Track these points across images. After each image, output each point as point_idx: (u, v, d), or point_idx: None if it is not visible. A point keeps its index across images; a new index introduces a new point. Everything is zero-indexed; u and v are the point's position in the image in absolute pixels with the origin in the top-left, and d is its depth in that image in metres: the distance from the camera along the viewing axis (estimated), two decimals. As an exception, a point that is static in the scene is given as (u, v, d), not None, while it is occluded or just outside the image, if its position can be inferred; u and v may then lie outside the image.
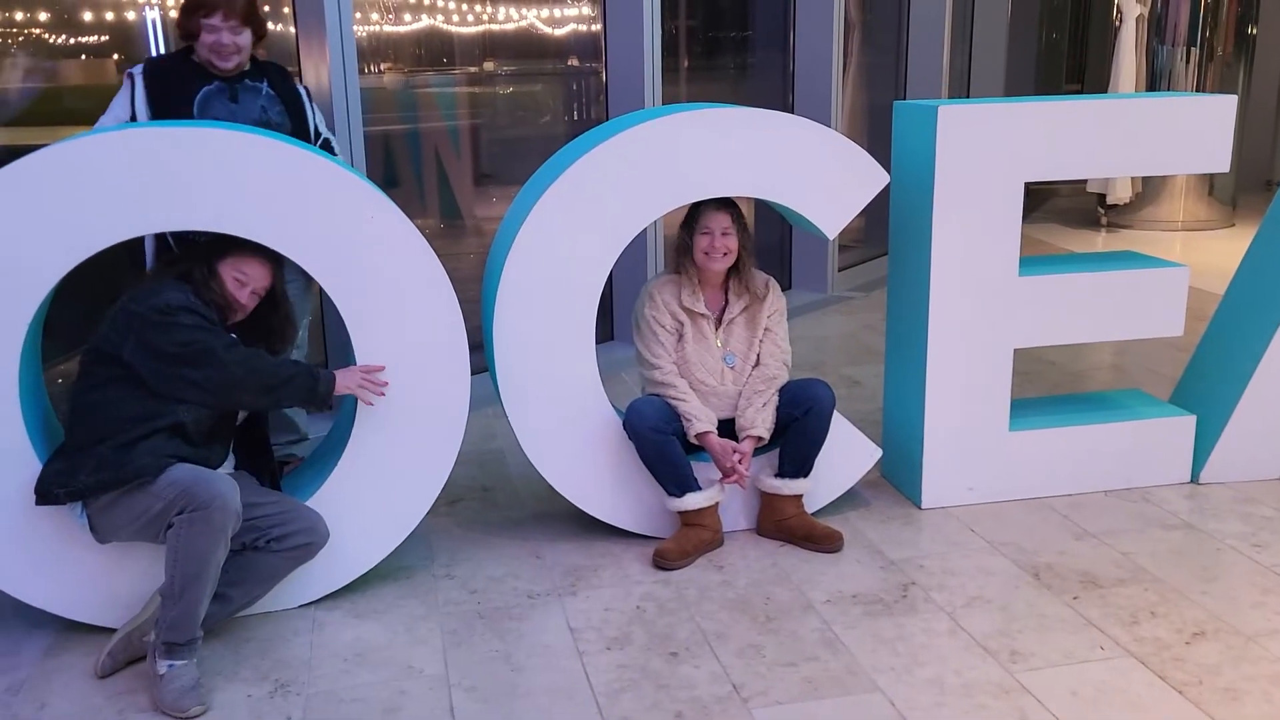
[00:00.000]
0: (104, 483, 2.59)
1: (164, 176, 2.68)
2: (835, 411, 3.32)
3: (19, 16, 4.04)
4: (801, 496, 3.32)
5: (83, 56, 4.27)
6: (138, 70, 3.30)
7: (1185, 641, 2.72)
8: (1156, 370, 4.90)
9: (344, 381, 2.83)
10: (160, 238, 3.27)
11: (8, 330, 2.64)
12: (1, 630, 2.87)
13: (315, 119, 3.54)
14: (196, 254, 2.79)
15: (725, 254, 3.24)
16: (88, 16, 4.16)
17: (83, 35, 4.20)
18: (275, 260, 2.83)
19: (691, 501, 3.20)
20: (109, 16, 4.20)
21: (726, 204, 3.25)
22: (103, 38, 4.24)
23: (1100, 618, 2.85)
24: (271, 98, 3.42)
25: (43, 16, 4.08)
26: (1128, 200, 8.66)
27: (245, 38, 3.32)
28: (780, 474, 3.30)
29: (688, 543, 3.20)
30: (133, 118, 3.26)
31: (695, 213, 3.25)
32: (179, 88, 3.28)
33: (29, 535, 2.73)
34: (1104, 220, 8.89)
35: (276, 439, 3.60)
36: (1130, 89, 8.34)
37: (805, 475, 3.31)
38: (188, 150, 2.71)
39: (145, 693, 2.58)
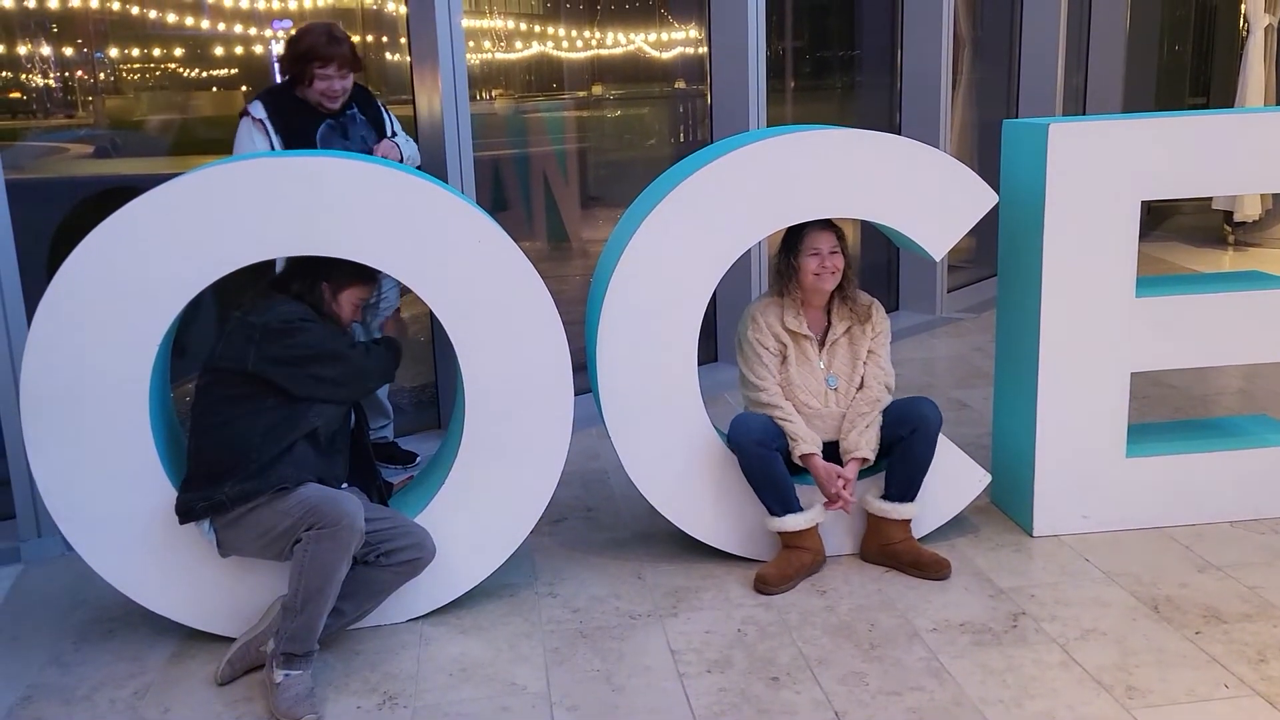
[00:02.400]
0: (246, 493, 2.68)
1: (286, 203, 2.79)
2: (942, 435, 3.26)
3: (156, 52, 4.26)
4: (909, 522, 3.27)
5: (213, 89, 4.48)
6: (260, 113, 3.57)
7: (1317, 681, 2.59)
8: (1287, 395, 4.68)
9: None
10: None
11: (139, 349, 2.77)
12: (129, 637, 3.01)
13: (393, 126, 3.84)
14: (302, 274, 2.88)
15: (834, 273, 3.22)
16: (218, 51, 4.37)
17: (213, 69, 4.41)
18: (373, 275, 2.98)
19: (792, 523, 3.17)
20: (238, 50, 4.41)
21: (829, 224, 3.23)
22: (231, 71, 4.45)
23: (1224, 654, 2.72)
24: (365, 123, 3.72)
25: (178, 51, 4.30)
26: (1257, 217, 8.29)
27: (350, 80, 3.65)
28: (886, 497, 3.26)
29: (789, 567, 3.17)
30: None
31: (798, 235, 3.24)
32: (301, 128, 3.58)
33: (157, 548, 2.86)
34: (1231, 238, 8.53)
35: (371, 424, 3.79)
36: (1259, 102, 8.01)
37: (912, 499, 3.25)
38: (309, 178, 2.82)
39: (262, 700, 2.67)
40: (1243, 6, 8.26)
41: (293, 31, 3.77)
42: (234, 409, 2.73)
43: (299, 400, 2.75)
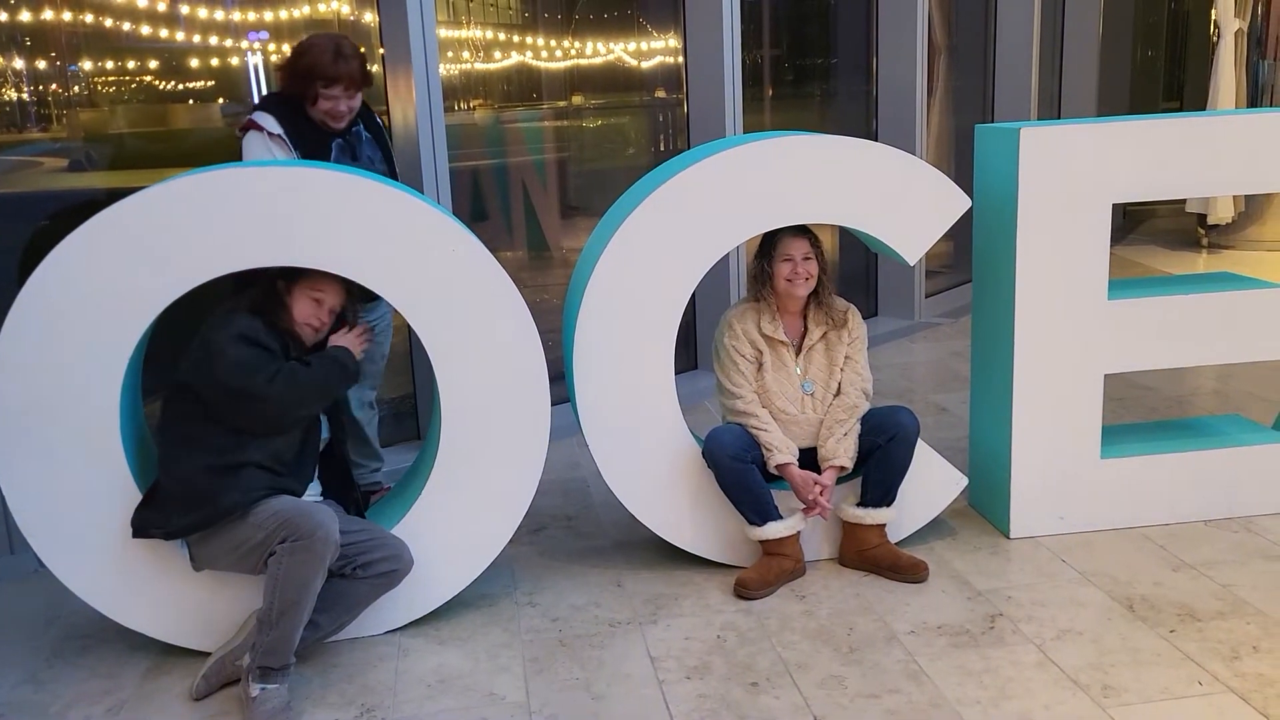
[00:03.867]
0: (196, 524, 2.69)
1: (258, 214, 2.78)
2: (921, 439, 3.27)
3: (131, 65, 4.24)
4: (885, 526, 3.28)
5: (189, 102, 4.46)
6: (276, 128, 3.26)
7: (1291, 678, 2.61)
8: (1262, 396, 4.72)
9: (353, 348, 2.88)
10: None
11: (109, 362, 2.76)
12: (103, 653, 2.99)
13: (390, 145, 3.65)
14: (266, 283, 2.83)
15: (807, 279, 3.23)
16: (194, 63, 4.35)
17: (190, 81, 4.38)
18: (346, 282, 2.88)
19: (772, 530, 3.18)
20: (214, 63, 4.39)
21: (804, 230, 3.25)
22: (208, 83, 4.43)
23: (1199, 652, 2.74)
24: (370, 142, 3.51)
25: (152, 64, 4.28)
26: (1230, 220, 8.37)
27: (357, 100, 3.37)
28: (863, 503, 3.27)
29: (769, 572, 3.18)
30: None
31: (773, 240, 3.26)
32: (313, 146, 3.31)
33: (130, 564, 2.84)
34: (1204, 241, 8.61)
35: (359, 466, 3.69)
36: (1230, 105, 8.09)
37: (889, 504, 3.26)
38: (282, 189, 2.81)
39: (237, 714, 2.66)
40: (1213, 12, 8.35)
41: (298, 43, 3.39)
42: (188, 428, 2.71)
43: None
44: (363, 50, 3.40)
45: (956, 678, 2.67)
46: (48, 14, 3.93)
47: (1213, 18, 8.37)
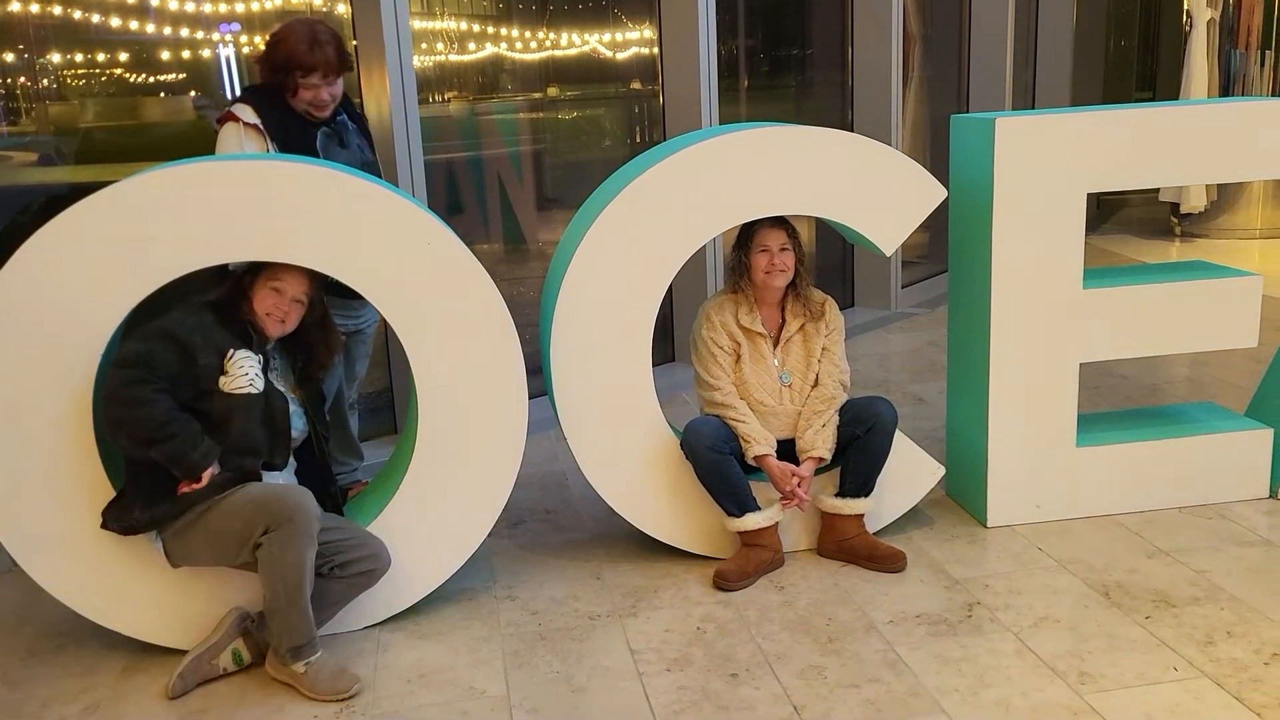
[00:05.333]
0: (157, 518, 2.68)
1: (230, 208, 2.75)
2: (898, 430, 3.28)
3: (101, 57, 4.19)
4: (863, 516, 3.29)
5: (160, 95, 4.41)
6: (252, 118, 3.20)
7: (1264, 662, 2.63)
8: (1235, 383, 4.77)
9: (201, 481, 2.66)
10: None
11: (80, 359, 2.73)
12: (78, 652, 2.96)
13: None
14: (234, 276, 2.82)
15: (784, 270, 3.23)
16: (165, 56, 4.31)
17: (161, 74, 4.34)
18: (313, 273, 2.84)
19: (751, 521, 3.18)
20: (185, 55, 4.35)
21: (780, 221, 3.24)
22: (179, 76, 4.38)
23: (1174, 638, 2.77)
24: (356, 131, 3.45)
25: (123, 56, 4.23)
26: (1202, 209, 8.44)
27: (339, 87, 3.29)
28: (841, 493, 3.27)
29: (748, 563, 3.18)
30: None
31: (749, 232, 3.25)
32: (295, 136, 3.24)
33: (104, 561, 2.81)
34: (1178, 230, 8.68)
35: (342, 464, 3.67)
36: (1202, 94, 8.15)
37: (867, 495, 3.27)
38: (254, 182, 2.78)
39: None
40: (1186, 2, 8.40)
41: (272, 33, 3.29)
42: None
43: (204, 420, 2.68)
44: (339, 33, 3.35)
45: (935, 666, 2.69)
46: (14, 5, 3.88)
47: (1185, 8, 8.43)
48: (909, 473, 3.42)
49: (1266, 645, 2.71)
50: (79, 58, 4.18)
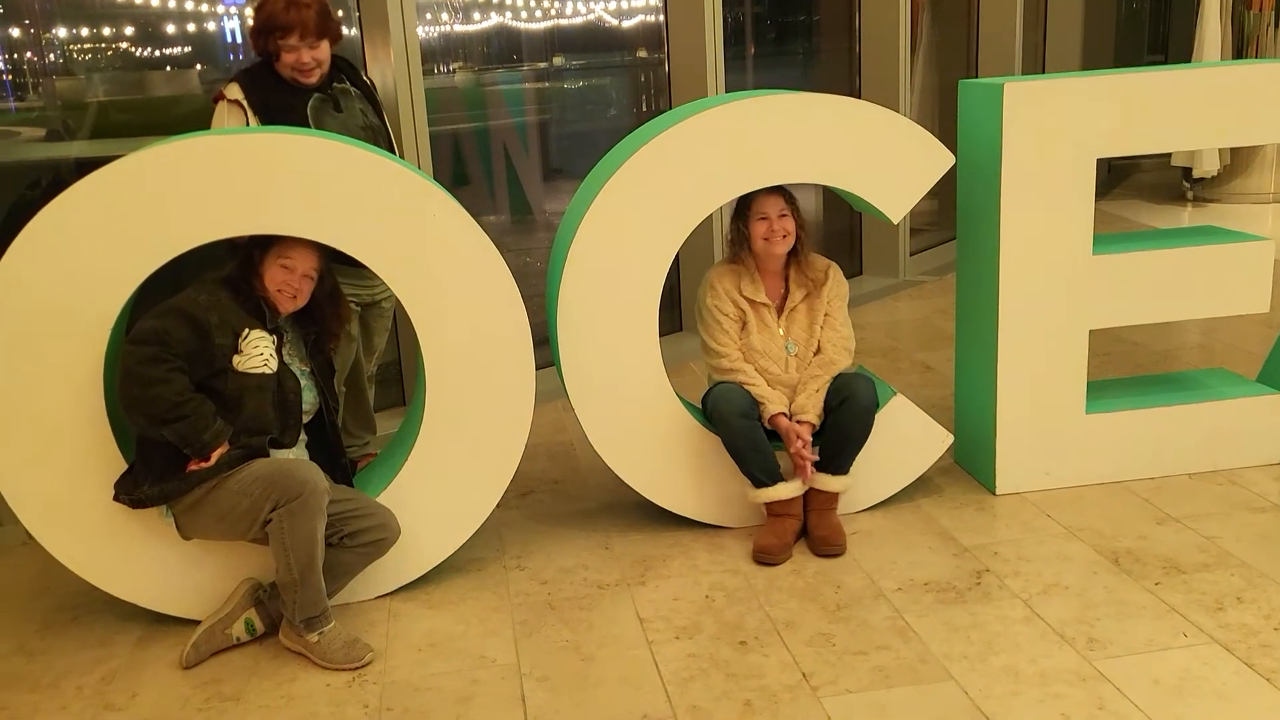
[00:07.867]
0: (166, 493, 2.70)
1: (236, 181, 2.75)
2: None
3: (107, 31, 4.18)
4: (838, 496, 3.23)
5: (167, 68, 4.40)
6: (235, 94, 3.24)
7: (1274, 628, 2.63)
8: (1246, 349, 4.74)
9: (210, 460, 2.68)
10: None
11: (91, 333, 2.74)
12: (94, 624, 2.99)
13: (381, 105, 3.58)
14: (245, 252, 2.82)
15: (785, 236, 3.20)
16: (171, 29, 4.28)
17: (167, 48, 4.32)
18: (320, 246, 2.84)
19: (784, 490, 3.14)
20: (191, 28, 4.33)
21: (778, 188, 3.21)
22: (185, 49, 4.36)
23: (1183, 604, 2.77)
24: (360, 95, 3.44)
25: (129, 30, 4.22)
26: (1215, 173, 8.36)
27: (323, 50, 3.28)
28: (819, 467, 3.21)
29: (785, 534, 3.14)
30: None
31: (747, 201, 3.22)
32: (282, 105, 3.25)
33: (118, 533, 2.83)
34: (1190, 195, 8.60)
35: (354, 438, 3.69)
36: (1215, 57, 8.04)
37: (843, 473, 3.21)
38: (259, 155, 2.78)
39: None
40: (1198, -37, 8.28)
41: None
42: None
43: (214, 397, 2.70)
44: (338, 13, 3.33)
45: (944, 633, 2.70)
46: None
47: (1198, -31, 8.31)
48: (918, 440, 3.42)
49: (1277, 611, 2.71)
50: (85, 32, 4.16)
